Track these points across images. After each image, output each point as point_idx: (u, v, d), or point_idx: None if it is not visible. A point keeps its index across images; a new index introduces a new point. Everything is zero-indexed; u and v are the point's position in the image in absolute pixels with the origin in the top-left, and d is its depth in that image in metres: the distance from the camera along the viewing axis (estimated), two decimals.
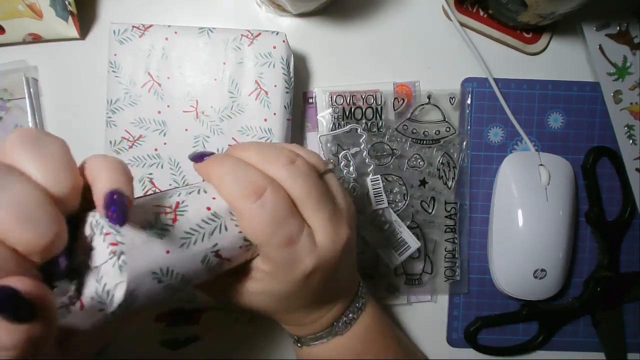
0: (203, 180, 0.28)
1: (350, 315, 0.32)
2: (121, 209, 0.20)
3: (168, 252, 0.23)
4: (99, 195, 0.20)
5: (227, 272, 0.27)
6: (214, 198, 0.26)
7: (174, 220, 0.24)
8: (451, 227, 0.44)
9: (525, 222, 0.42)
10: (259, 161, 0.26)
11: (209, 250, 0.25)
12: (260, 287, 0.27)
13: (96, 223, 0.22)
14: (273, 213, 0.24)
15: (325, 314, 0.31)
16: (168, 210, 0.24)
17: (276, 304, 0.29)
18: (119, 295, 0.21)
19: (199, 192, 0.26)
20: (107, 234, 0.21)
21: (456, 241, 0.44)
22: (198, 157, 0.27)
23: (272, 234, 0.25)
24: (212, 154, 0.27)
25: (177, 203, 0.25)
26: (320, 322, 0.31)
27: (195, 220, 0.25)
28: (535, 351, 0.46)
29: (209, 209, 0.25)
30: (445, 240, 0.44)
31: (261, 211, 0.24)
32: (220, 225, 0.25)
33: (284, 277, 0.26)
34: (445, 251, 0.44)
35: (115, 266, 0.21)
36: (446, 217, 0.44)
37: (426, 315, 0.46)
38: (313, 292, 0.28)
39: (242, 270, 0.28)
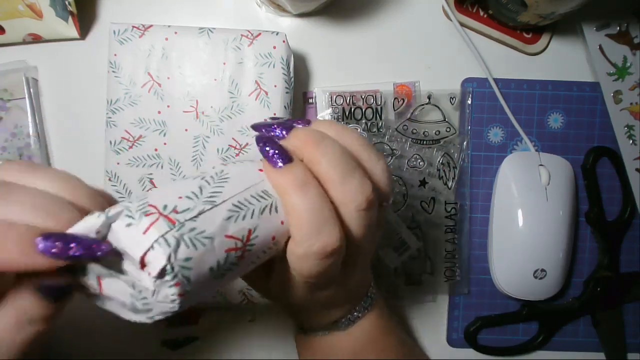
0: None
1: (355, 314, 0.32)
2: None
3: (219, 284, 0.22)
4: None
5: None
6: (282, 222, 0.23)
7: (241, 258, 0.22)
8: (451, 227, 0.44)
9: (525, 222, 0.42)
10: (338, 194, 0.23)
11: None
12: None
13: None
14: (333, 265, 0.24)
15: (333, 313, 0.31)
16: (239, 244, 0.21)
17: (297, 302, 0.29)
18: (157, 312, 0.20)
19: (270, 210, 0.22)
20: (177, 284, 0.19)
21: (456, 241, 0.44)
22: (270, 155, 0.23)
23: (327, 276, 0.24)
24: (288, 158, 0.23)
25: (249, 232, 0.22)
26: (325, 319, 0.32)
27: (258, 253, 0.23)
28: (535, 351, 0.46)
29: (273, 238, 0.23)
30: (446, 241, 0.44)
31: (325, 263, 0.23)
32: (274, 251, 0.24)
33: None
34: (445, 251, 0.44)
35: (163, 299, 0.19)
36: (446, 217, 0.44)
37: (426, 315, 0.46)
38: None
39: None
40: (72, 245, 0.18)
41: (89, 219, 0.19)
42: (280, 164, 0.23)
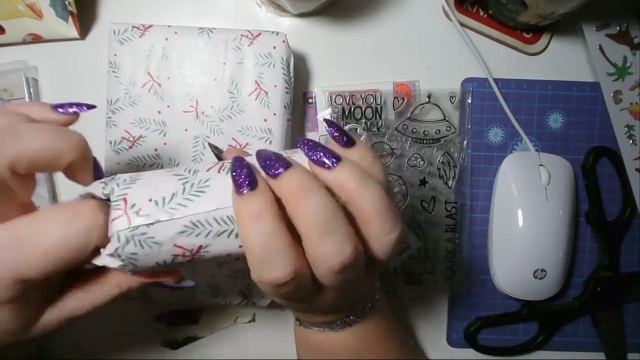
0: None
1: (352, 317, 0.32)
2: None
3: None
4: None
5: None
6: (240, 246, 0.24)
7: (190, 261, 0.24)
8: (451, 226, 0.44)
9: (525, 222, 0.42)
10: (312, 251, 0.23)
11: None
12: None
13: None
14: (291, 292, 0.24)
15: (331, 316, 0.31)
16: (187, 254, 0.23)
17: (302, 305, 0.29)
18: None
19: (229, 235, 0.23)
20: (126, 265, 0.24)
21: (456, 241, 0.44)
22: (236, 179, 0.23)
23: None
24: (253, 186, 0.23)
25: (200, 247, 0.23)
26: (322, 319, 0.32)
27: (212, 260, 0.24)
28: (535, 351, 0.46)
29: (229, 255, 0.24)
30: (446, 240, 0.44)
31: (279, 291, 0.23)
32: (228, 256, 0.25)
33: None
34: (446, 251, 0.44)
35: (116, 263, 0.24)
36: (446, 216, 0.44)
37: (426, 315, 0.46)
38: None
39: None
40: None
41: (94, 187, 0.25)
42: (244, 191, 0.22)
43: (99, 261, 0.24)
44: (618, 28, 0.44)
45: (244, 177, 0.23)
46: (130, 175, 0.25)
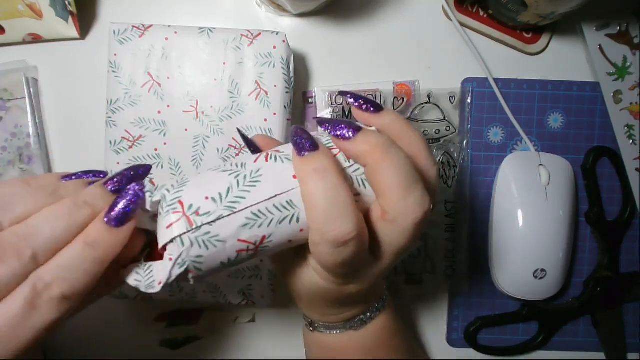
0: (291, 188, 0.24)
1: (369, 314, 0.32)
2: None
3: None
4: None
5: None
6: (301, 230, 0.24)
7: (253, 255, 0.23)
8: (451, 226, 0.44)
9: (525, 222, 0.42)
10: (399, 206, 0.23)
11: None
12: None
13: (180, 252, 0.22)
14: (353, 255, 0.24)
15: (346, 311, 0.31)
16: (251, 247, 0.23)
17: (322, 299, 0.29)
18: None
19: (290, 220, 0.23)
20: (190, 270, 0.23)
21: (456, 241, 0.44)
22: (296, 143, 0.23)
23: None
24: (314, 147, 0.23)
25: (263, 238, 0.23)
26: (338, 317, 0.31)
27: (273, 250, 0.24)
28: (535, 351, 0.46)
29: (290, 241, 0.24)
30: (446, 240, 0.44)
31: (341, 252, 0.23)
32: (298, 243, 0.25)
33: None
34: (446, 250, 0.44)
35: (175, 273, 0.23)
36: (446, 216, 0.44)
37: (426, 315, 0.46)
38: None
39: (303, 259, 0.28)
40: (123, 201, 0.23)
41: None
42: (304, 153, 0.23)
43: (159, 276, 0.23)
44: (618, 28, 0.44)
45: (305, 140, 0.23)
46: (177, 181, 0.24)
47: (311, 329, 0.34)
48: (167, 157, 0.40)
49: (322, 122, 0.25)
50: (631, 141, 0.45)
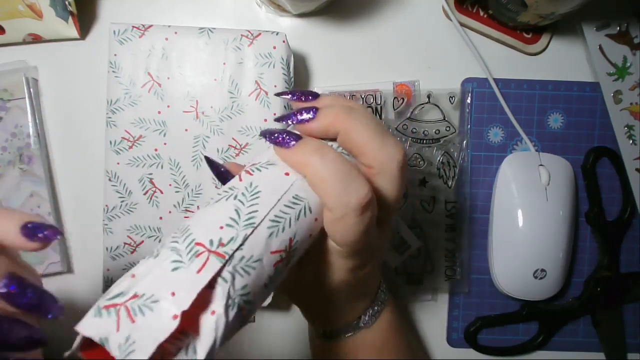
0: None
1: (376, 307, 0.32)
2: None
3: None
4: None
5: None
6: (316, 219, 0.24)
7: (286, 265, 0.23)
8: (451, 226, 0.44)
9: (525, 222, 0.42)
10: (381, 155, 0.24)
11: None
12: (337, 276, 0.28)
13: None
14: (371, 222, 0.24)
15: (358, 305, 0.31)
16: (284, 255, 0.22)
17: (325, 294, 0.29)
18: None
19: (305, 213, 0.23)
20: (242, 308, 0.21)
21: (456, 241, 0.44)
22: (280, 139, 0.24)
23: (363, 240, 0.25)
24: (299, 137, 0.24)
25: (290, 240, 0.23)
26: (350, 314, 0.31)
27: (300, 252, 0.24)
28: (535, 351, 0.46)
29: (310, 236, 0.24)
30: (446, 240, 0.44)
31: (364, 219, 0.23)
32: (311, 242, 0.24)
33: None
34: (446, 250, 0.44)
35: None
36: (446, 216, 0.44)
37: (426, 315, 0.46)
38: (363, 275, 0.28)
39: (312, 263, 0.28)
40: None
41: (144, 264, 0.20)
42: (292, 142, 0.23)
43: (206, 342, 0.19)
44: (618, 28, 0.44)
45: (286, 134, 0.24)
46: (173, 232, 0.22)
47: (324, 339, 0.33)
48: (167, 157, 0.40)
49: (279, 119, 0.26)
50: (631, 141, 0.45)
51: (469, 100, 0.44)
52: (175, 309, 0.18)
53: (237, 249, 0.20)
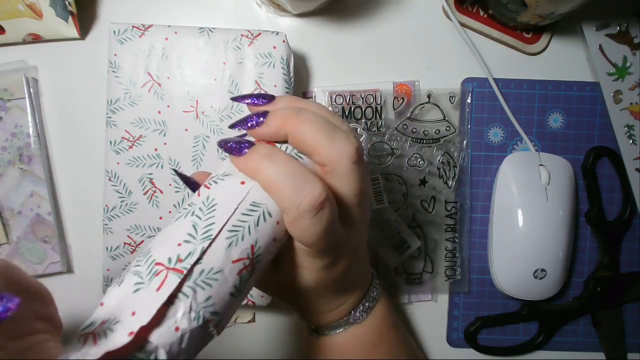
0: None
1: (367, 303, 0.32)
2: None
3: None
4: None
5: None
6: (278, 223, 0.24)
7: (252, 271, 0.23)
8: (451, 226, 0.44)
9: (525, 222, 0.42)
10: (330, 152, 0.24)
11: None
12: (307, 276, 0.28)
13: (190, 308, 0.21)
14: (330, 220, 0.24)
15: (346, 301, 0.31)
16: (247, 263, 0.23)
17: (310, 289, 0.29)
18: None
19: (264, 218, 0.23)
20: (209, 320, 0.21)
21: (456, 240, 0.44)
22: (233, 148, 0.24)
23: (325, 239, 0.25)
24: (251, 144, 0.24)
25: (252, 247, 0.23)
26: (340, 310, 0.31)
27: (266, 257, 0.24)
28: (535, 351, 0.46)
29: (274, 239, 0.24)
30: (446, 240, 0.44)
31: (321, 219, 0.24)
32: (279, 245, 0.25)
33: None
34: (446, 250, 0.44)
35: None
36: (446, 216, 0.44)
37: (426, 315, 0.46)
38: (343, 270, 0.28)
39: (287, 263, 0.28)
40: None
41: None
42: (245, 150, 0.24)
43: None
44: (618, 28, 0.44)
45: (238, 142, 0.24)
46: (138, 255, 0.23)
47: (316, 334, 0.33)
48: (167, 157, 0.40)
49: (232, 125, 0.26)
50: (631, 141, 0.45)
51: (469, 100, 0.44)
52: (134, 326, 0.19)
53: (195, 263, 0.21)
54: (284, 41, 0.38)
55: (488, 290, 0.45)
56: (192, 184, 0.28)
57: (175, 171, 0.31)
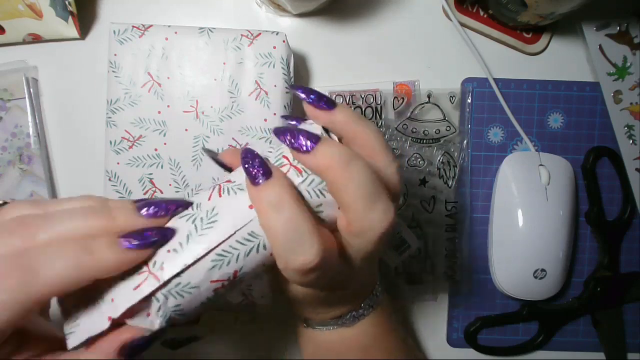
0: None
1: (360, 311, 0.32)
2: None
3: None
4: None
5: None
6: (271, 254, 0.23)
7: (231, 288, 0.24)
8: (451, 226, 0.44)
9: (525, 222, 0.42)
10: (362, 222, 0.23)
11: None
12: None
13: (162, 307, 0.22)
14: (318, 278, 0.23)
15: (338, 309, 0.31)
16: (226, 284, 0.23)
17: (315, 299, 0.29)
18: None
19: (258, 249, 0.23)
20: (175, 318, 0.23)
21: (456, 241, 0.44)
22: (250, 171, 0.23)
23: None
24: (268, 175, 0.22)
25: (235, 272, 0.23)
26: (330, 314, 0.31)
27: (248, 278, 0.24)
28: (535, 351, 0.46)
29: (263, 265, 0.24)
30: (446, 240, 0.44)
31: (307, 278, 0.23)
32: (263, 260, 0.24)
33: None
34: (446, 250, 0.44)
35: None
36: (446, 216, 0.44)
37: (426, 315, 0.46)
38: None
39: None
40: (148, 233, 0.22)
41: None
42: (258, 181, 0.22)
43: (143, 325, 0.22)
44: (618, 28, 0.44)
45: (257, 167, 0.23)
46: None
47: (305, 325, 0.34)
48: (167, 157, 0.40)
49: (279, 132, 0.24)
50: (631, 141, 0.45)
51: (469, 100, 0.44)
52: (110, 313, 0.21)
53: (174, 276, 0.22)
54: (284, 41, 0.38)
55: (488, 290, 0.45)
56: (220, 163, 0.27)
57: (205, 149, 0.29)
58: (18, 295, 0.20)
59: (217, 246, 0.22)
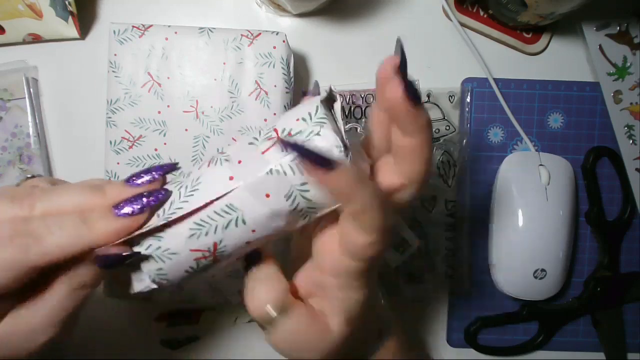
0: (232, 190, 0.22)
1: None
2: None
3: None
4: None
5: None
6: (253, 231, 0.23)
7: (215, 261, 0.24)
8: (451, 226, 0.44)
9: (525, 222, 0.42)
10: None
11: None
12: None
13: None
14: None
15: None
16: (207, 254, 0.24)
17: None
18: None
19: (236, 223, 0.23)
20: (158, 283, 0.24)
21: (456, 240, 0.44)
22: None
23: None
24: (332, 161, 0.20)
25: (215, 244, 0.23)
26: None
27: (235, 253, 0.24)
28: (535, 351, 0.46)
29: (248, 243, 0.24)
30: (446, 239, 0.44)
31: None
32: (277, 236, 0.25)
33: None
34: (446, 250, 0.44)
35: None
36: (446, 215, 0.44)
37: (426, 315, 0.46)
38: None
39: None
40: (136, 198, 0.23)
41: None
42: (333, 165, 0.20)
43: (131, 289, 0.25)
44: (618, 28, 0.44)
45: (317, 155, 0.20)
46: None
47: None
48: (167, 157, 0.40)
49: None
50: (631, 141, 0.45)
51: (468, 100, 0.44)
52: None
53: (154, 237, 0.23)
54: (284, 41, 0.38)
55: (488, 290, 0.45)
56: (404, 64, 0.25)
57: (399, 41, 0.24)
58: (19, 256, 0.21)
59: (194, 213, 0.23)
